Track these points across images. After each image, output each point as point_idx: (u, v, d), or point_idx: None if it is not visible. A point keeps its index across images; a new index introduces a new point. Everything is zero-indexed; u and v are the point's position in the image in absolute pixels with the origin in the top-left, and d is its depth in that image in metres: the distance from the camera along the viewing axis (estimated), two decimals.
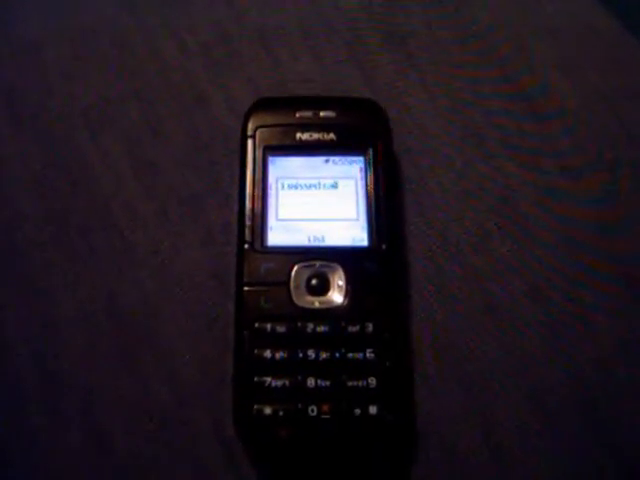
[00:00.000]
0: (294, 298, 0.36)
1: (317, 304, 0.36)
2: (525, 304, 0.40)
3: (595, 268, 0.41)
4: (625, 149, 0.45)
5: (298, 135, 0.40)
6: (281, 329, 0.36)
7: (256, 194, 0.39)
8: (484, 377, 0.38)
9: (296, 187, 0.39)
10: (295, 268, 0.37)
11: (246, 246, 0.37)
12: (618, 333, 0.40)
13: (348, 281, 0.37)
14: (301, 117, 0.40)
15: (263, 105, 0.41)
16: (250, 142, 0.40)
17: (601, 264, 0.41)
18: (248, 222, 0.38)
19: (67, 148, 0.43)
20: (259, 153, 0.39)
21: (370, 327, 0.36)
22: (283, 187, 0.39)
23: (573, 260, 0.41)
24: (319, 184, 0.39)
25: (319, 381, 0.35)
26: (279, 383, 0.35)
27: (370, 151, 0.40)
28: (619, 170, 0.44)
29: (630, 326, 0.40)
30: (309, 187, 0.39)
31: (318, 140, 0.40)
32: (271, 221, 0.38)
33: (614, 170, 0.44)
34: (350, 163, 0.40)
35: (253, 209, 0.38)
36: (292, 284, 0.37)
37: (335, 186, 0.39)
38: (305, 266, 0.37)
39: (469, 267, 0.41)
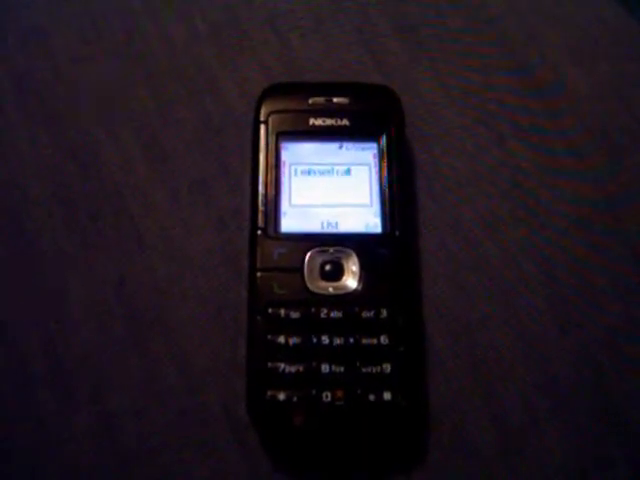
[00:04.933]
0: (308, 284, 0.36)
1: (331, 290, 0.36)
2: (537, 288, 0.40)
3: (605, 249, 0.41)
4: (633, 135, 0.45)
5: (311, 121, 0.40)
6: (295, 315, 0.36)
7: (269, 180, 0.38)
8: (496, 362, 0.38)
9: (309, 173, 0.39)
10: (309, 254, 0.37)
11: (259, 232, 0.37)
12: (629, 314, 0.40)
13: (362, 267, 0.37)
14: (314, 103, 0.40)
15: (276, 90, 0.41)
16: (263, 127, 0.39)
17: (611, 245, 0.41)
18: (261, 208, 0.38)
19: (77, 133, 0.43)
20: (272, 139, 0.39)
21: (384, 313, 0.36)
22: (296, 173, 0.39)
23: (584, 242, 0.41)
24: (332, 170, 0.39)
25: (333, 367, 0.35)
26: (293, 369, 0.35)
27: (383, 137, 0.39)
28: (627, 155, 0.44)
29: (638, 301, 0.40)
30: (322, 173, 0.39)
31: (331, 126, 0.39)
32: (284, 207, 0.38)
33: (621, 155, 0.44)
34: (363, 149, 0.40)
35: (266, 195, 0.38)
36: (306, 270, 0.37)
37: (348, 172, 0.39)
38: (319, 252, 0.37)
39: (481, 252, 0.41)
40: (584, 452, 0.37)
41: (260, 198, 0.38)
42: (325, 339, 0.35)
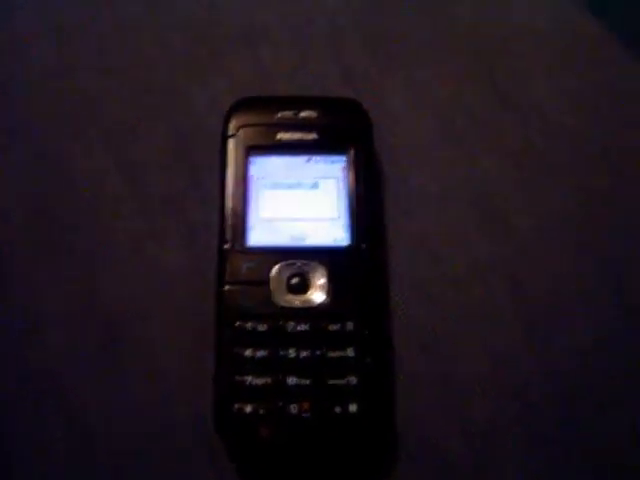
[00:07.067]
0: (275, 297, 0.37)
1: (298, 303, 0.37)
2: (504, 300, 0.40)
3: (574, 261, 0.42)
4: (603, 147, 0.45)
5: (279, 135, 0.40)
6: (262, 328, 0.36)
7: (237, 194, 0.39)
8: (463, 374, 0.39)
9: (277, 187, 0.40)
10: (276, 267, 0.37)
11: (227, 246, 0.38)
12: (597, 326, 0.40)
13: (329, 280, 0.37)
14: (282, 117, 0.40)
15: (244, 105, 0.41)
16: (231, 142, 0.40)
17: (580, 258, 0.42)
18: (229, 222, 0.38)
19: (51, 146, 0.43)
20: (240, 153, 0.40)
21: (350, 326, 0.36)
22: (264, 187, 0.39)
23: (552, 255, 0.42)
24: (300, 184, 0.40)
25: (300, 379, 0.35)
26: (260, 382, 0.35)
27: (351, 151, 0.40)
28: (598, 166, 0.44)
29: (609, 316, 0.40)
30: (290, 187, 0.40)
31: (299, 140, 0.40)
32: (252, 221, 0.38)
33: (593, 167, 0.44)
34: (331, 163, 0.40)
35: (234, 209, 0.38)
36: (273, 283, 0.37)
37: (316, 186, 0.40)
38: (286, 265, 0.37)
39: (449, 265, 0.41)
40: (552, 462, 0.37)
41: (228, 212, 0.38)
42: (292, 352, 0.35)
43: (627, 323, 0.40)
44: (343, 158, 0.40)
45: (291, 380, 0.35)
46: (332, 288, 0.37)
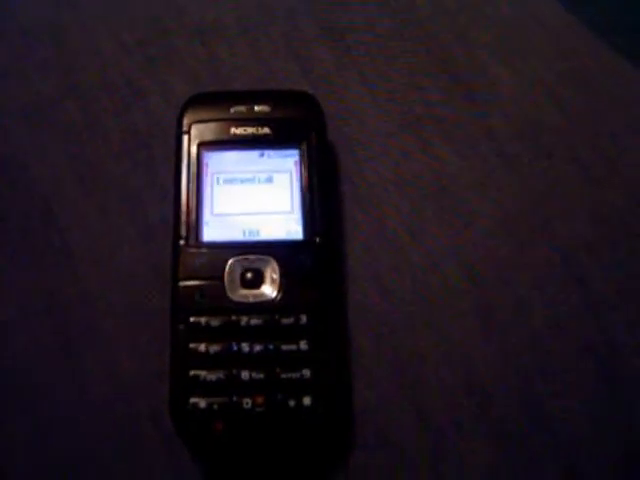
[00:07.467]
0: (229, 292, 0.37)
1: (251, 298, 0.37)
2: (461, 290, 0.40)
3: (531, 251, 0.41)
4: (563, 134, 0.45)
5: (233, 130, 0.40)
6: (215, 323, 0.36)
7: (191, 189, 0.39)
8: (420, 364, 0.39)
9: (231, 182, 0.40)
10: (229, 262, 0.37)
11: (181, 242, 0.38)
12: (554, 316, 0.40)
13: (282, 274, 0.37)
14: (235, 112, 0.40)
15: (197, 101, 0.41)
16: (185, 138, 0.40)
17: (537, 247, 0.42)
18: (183, 217, 0.38)
19: (4, 147, 0.43)
20: (194, 149, 0.40)
21: (304, 319, 0.36)
22: (218, 182, 0.39)
23: (509, 244, 0.42)
24: (254, 178, 0.40)
25: (253, 374, 0.35)
26: (214, 377, 0.35)
27: (304, 144, 0.40)
28: (556, 154, 0.44)
29: (564, 304, 0.40)
30: (244, 181, 0.40)
31: (253, 134, 0.40)
32: (206, 216, 0.39)
33: (551, 155, 0.44)
34: (285, 156, 0.40)
35: (188, 204, 0.38)
36: (226, 278, 0.37)
37: (270, 180, 0.40)
38: (239, 260, 0.37)
39: (406, 255, 0.41)
40: (510, 454, 0.37)
41: (182, 208, 0.38)
42: (245, 346, 0.36)
43: (585, 309, 0.40)
44: (296, 152, 0.40)
45: (244, 374, 0.35)
46: (285, 282, 0.37)
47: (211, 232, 0.38)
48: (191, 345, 0.36)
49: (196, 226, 0.38)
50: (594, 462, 0.37)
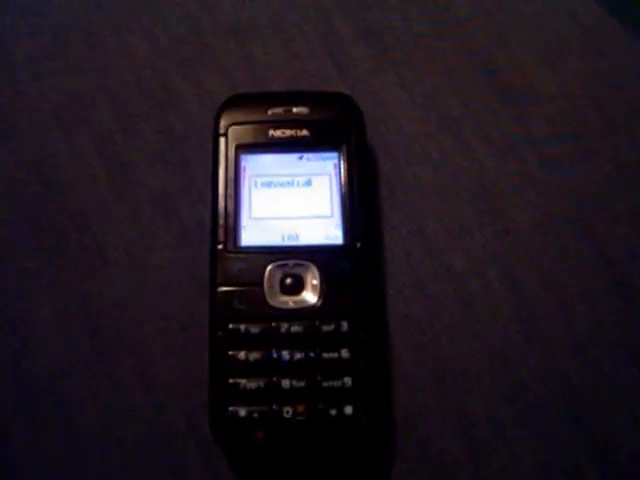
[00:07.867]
0: (268, 298, 0.36)
1: (291, 304, 0.36)
2: (503, 297, 0.40)
3: (574, 257, 0.41)
4: (603, 135, 0.44)
5: (271, 132, 0.39)
6: (255, 330, 0.35)
7: (229, 193, 0.38)
8: (461, 373, 0.38)
9: (269, 185, 0.39)
10: (268, 268, 0.37)
11: (219, 246, 0.37)
12: (597, 323, 0.39)
13: (322, 280, 0.36)
14: (273, 114, 0.40)
15: (235, 102, 0.40)
16: (222, 140, 0.39)
17: (580, 253, 0.41)
18: (221, 222, 0.38)
19: (38, 149, 0.43)
20: (231, 151, 0.39)
21: (345, 326, 0.35)
22: (256, 185, 0.39)
23: (552, 250, 0.41)
24: (293, 181, 0.39)
25: (294, 382, 0.35)
26: (253, 385, 0.35)
27: (344, 147, 0.39)
28: (597, 158, 0.43)
29: (608, 311, 0.40)
30: (283, 185, 0.39)
31: (291, 137, 0.39)
32: (244, 220, 0.38)
33: (592, 158, 0.43)
34: (324, 159, 0.39)
35: (226, 209, 0.38)
36: (266, 284, 0.36)
37: (309, 183, 0.39)
38: (279, 266, 0.37)
39: (446, 261, 0.40)
40: (553, 463, 0.37)
41: (220, 212, 0.38)
42: (285, 354, 0.35)
43: (626, 317, 0.39)
44: (335, 154, 0.39)
45: (285, 383, 0.35)
46: (326, 288, 0.36)
47: (249, 236, 0.38)
48: (230, 352, 0.35)
49: (234, 230, 0.37)
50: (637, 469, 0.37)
